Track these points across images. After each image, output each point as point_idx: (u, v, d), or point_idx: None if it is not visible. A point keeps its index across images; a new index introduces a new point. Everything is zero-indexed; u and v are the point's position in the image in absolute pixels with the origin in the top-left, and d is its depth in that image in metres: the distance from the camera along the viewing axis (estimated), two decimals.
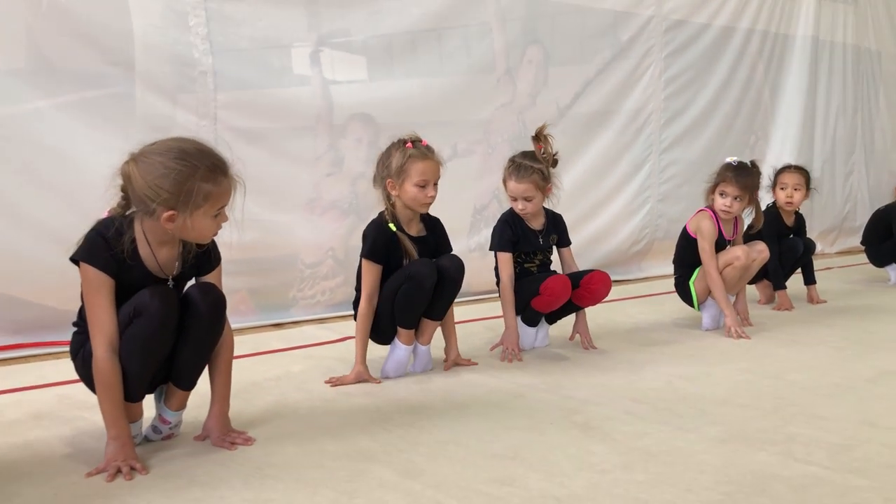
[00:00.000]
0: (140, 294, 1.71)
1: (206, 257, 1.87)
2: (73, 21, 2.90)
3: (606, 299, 3.97)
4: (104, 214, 1.77)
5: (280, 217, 3.46)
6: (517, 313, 2.81)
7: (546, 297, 2.74)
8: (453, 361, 2.60)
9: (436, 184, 2.43)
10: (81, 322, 1.79)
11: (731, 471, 1.76)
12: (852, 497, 1.62)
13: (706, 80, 5.03)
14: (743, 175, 3.18)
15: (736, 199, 3.19)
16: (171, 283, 1.81)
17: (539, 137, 2.81)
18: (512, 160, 2.82)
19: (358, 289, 2.53)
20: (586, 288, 2.79)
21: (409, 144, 2.41)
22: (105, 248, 1.70)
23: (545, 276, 2.79)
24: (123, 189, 1.73)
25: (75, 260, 1.73)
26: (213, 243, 1.88)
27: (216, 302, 1.80)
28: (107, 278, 1.70)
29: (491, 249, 2.86)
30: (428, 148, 2.44)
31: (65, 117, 2.92)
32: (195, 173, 1.66)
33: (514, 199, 2.79)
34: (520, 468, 1.77)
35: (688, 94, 4.94)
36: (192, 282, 1.88)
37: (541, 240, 2.87)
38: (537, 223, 2.86)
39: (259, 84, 3.39)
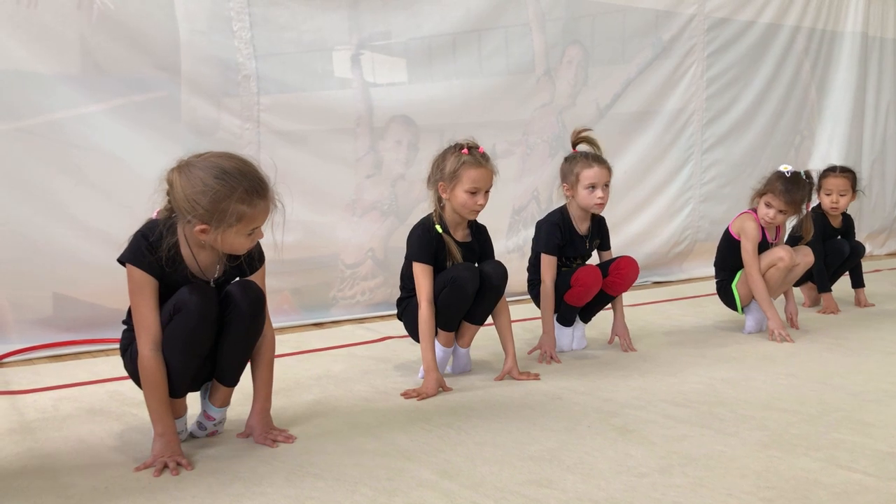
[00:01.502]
0: (180, 291, 1.76)
1: (249, 258, 1.91)
2: (123, 28, 2.99)
3: (648, 300, 3.96)
4: (153, 214, 1.82)
5: (321, 218, 3.51)
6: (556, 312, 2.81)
7: (578, 288, 2.75)
8: (507, 373, 2.50)
9: (487, 192, 2.42)
10: (130, 321, 1.85)
11: (773, 476, 1.74)
12: None
13: (750, 79, 4.95)
14: (792, 191, 3.08)
15: (781, 212, 3.14)
16: (212, 284, 1.86)
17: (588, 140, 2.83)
18: (575, 154, 2.81)
19: (403, 287, 2.55)
20: (615, 273, 2.79)
21: (465, 150, 2.40)
22: (149, 250, 1.76)
23: (573, 269, 2.79)
24: (168, 193, 1.79)
25: (122, 261, 1.79)
26: (258, 244, 1.92)
27: (256, 298, 1.84)
28: (150, 279, 1.76)
29: (537, 250, 2.84)
30: (483, 155, 2.42)
31: (115, 121, 3.02)
32: (232, 194, 1.69)
33: (593, 188, 2.75)
34: (557, 470, 1.77)
35: (731, 94, 4.87)
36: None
37: (587, 244, 2.86)
38: (584, 227, 2.86)
39: (301, 87, 3.45)
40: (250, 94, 3.30)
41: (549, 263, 2.79)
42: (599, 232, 2.92)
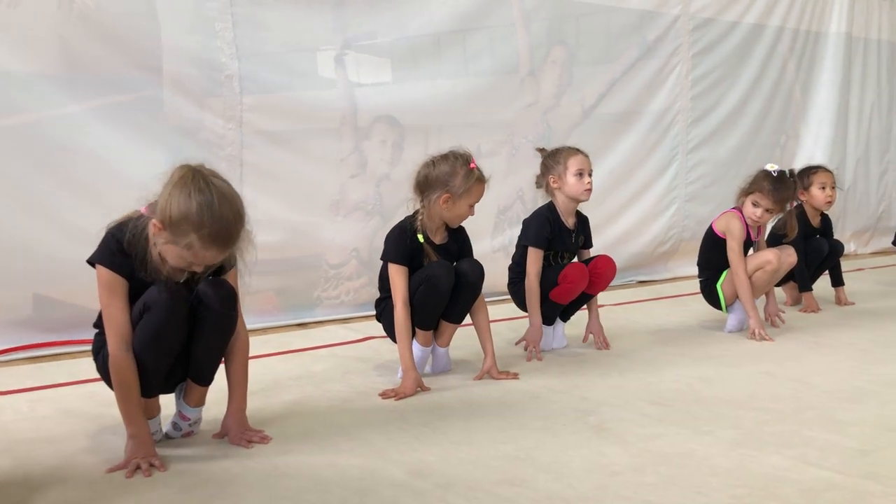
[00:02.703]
0: (150, 290, 1.77)
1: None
2: (103, 28, 2.98)
3: (632, 299, 3.98)
4: (142, 209, 1.80)
5: (305, 218, 3.51)
6: None
7: (567, 284, 2.76)
8: (486, 372, 2.50)
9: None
10: (101, 323, 1.85)
11: (743, 474, 1.75)
12: (864, 502, 1.60)
13: (735, 79, 4.97)
14: (780, 189, 3.12)
15: (768, 211, 3.16)
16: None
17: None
18: (556, 147, 2.91)
19: (381, 288, 2.56)
20: (593, 273, 2.81)
21: (473, 165, 2.42)
22: (119, 250, 1.76)
23: (559, 266, 2.81)
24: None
25: (91, 262, 1.79)
26: None
27: (227, 295, 1.84)
28: (120, 279, 1.76)
29: (524, 244, 2.85)
30: (481, 170, 2.47)
31: (96, 121, 3.01)
32: (197, 229, 1.67)
33: (581, 175, 2.80)
34: (530, 469, 1.78)
35: (716, 94, 4.89)
36: None
37: (573, 239, 2.88)
38: (571, 222, 2.88)
39: (285, 87, 3.45)
40: (233, 94, 3.29)
41: (535, 257, 2.80)
42: (583, 229, 2.94)
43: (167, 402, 1.98)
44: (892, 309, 3.76)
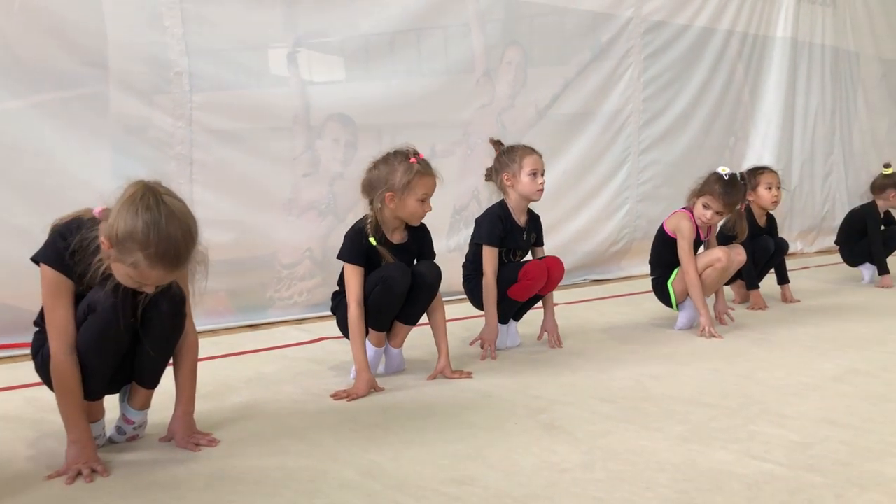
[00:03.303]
0: (94, 290, 1.72)
1: None
2: (46, 20, 2.89)
3: (585, 298, 4.02)
4: (96, 212, 1.74)
5: (257, 217, 3.46)
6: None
7: (526, 282, 2.78)
8: (440, 372, 2.49)
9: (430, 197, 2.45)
10: (42, 322, 1.80)
11: (690, 469, 1.78)
12: (804, 494, 1.64)
13: (686, 82, 5.06)
14: (731, 193, 3.18)
15: (718, 213, 3.23)
16: None
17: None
18: (512, 145, 2.93)
19: (340, 283, 2.53)
20: None
21: (413, 160, 2.39)
22: (66, 250, 1.70)
23: (520, 264, 2.83)
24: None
25: (35, 260, 1.74)
26: None
27: (175, 297, 1.80)
28: (66, 280, 1.71)
29: (477, 242, 2.85)
30: (427, 162, 2.43)
31: (38, 118, 2.92)
32: (144, 248, 1.61)
33: (534, 174, 2.81)
34: (481, 468, 1.78)
35: (667, 96, 4.97)
36: None
37: (525, 236, 2.89)
38: (522, 220, 2.89)
39: (235, 85, 3.39)
40: (182, 91, 3.23)
41: (491, 255, 2.81)
42: (535, 227, 2.96)
43: (112, 406, 1.92)
44: (836, 306, 3.87)
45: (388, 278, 2.38)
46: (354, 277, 2.39)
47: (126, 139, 3.13)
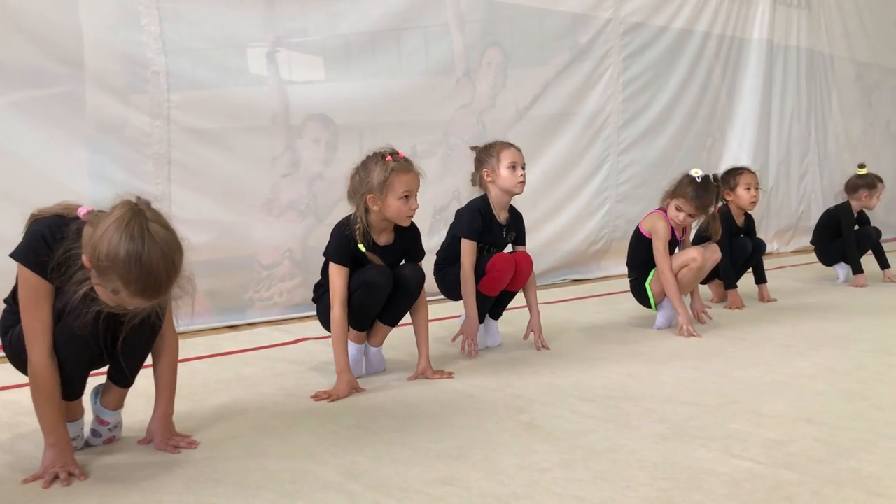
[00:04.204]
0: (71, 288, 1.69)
1: None
2: (19, 18, 2.85)
3: (565, 298, 4.04)
4: (81, 213, 1.70)
5: (236, 218, 3.44)
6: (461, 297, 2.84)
7: (494, 273, 2.77)
8: (421, 373, 2.49)
9: (416, 195, 2.42)
10: (14, 301, 1.76)
11: (670, 467, 1.79)
12: (782, 491, 1.66)
13: (664, 83, 5.11)
14: (703, 196, 3.20)
15: (690, 216, 3.26)
16: None
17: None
18: (488, 142, 2.91)
19: (323, 275, 2.52)
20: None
21: (388, 158, 2.38)
22: (47, 252, 1.67)
23: (487, 257, 2.82)
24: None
25: (15, 258, 1.71)
26: None
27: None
28: (46, 284, 1.68)
29: (456, 235, 2.84)
30: (407, 160, 2.41)
31: (12, 117, 2.88)
32: (124, 280, 1.57)
33: (514, 167, 2.80)
34: (462, 468, 1.78)
35: (646, 97, 5.01)
36: None
37: (504, 233, 2.90)
38: (502, 217, 2.89)
39: (214, 84, 3.37)
40: (160, 90, 3.20)
41: (469, 248, 2.80)
42: (516, 225, 2.96)
43: (88, 405, 1.90)
44: (811, 305, 3.92)
45: (370, 282, 2.38)
46: (339, 277, 2.38)
47: (102, 138, 3.10)
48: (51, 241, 1.67)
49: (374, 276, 2.38)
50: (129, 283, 1.57)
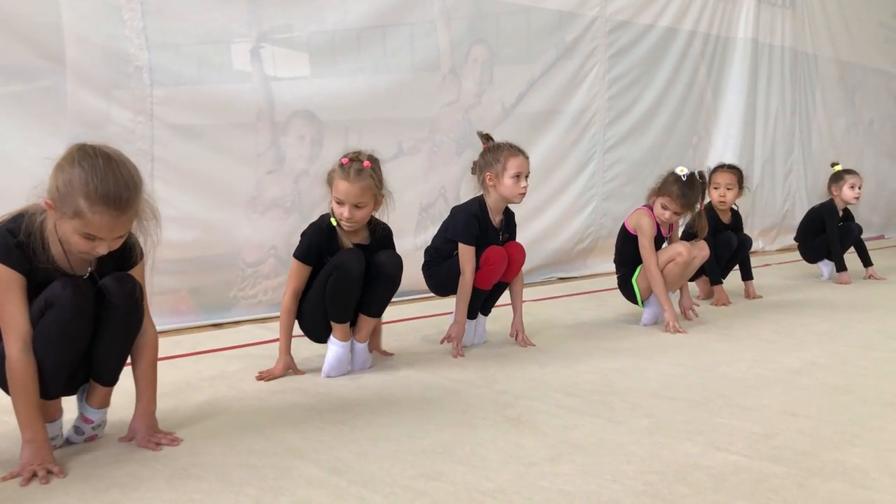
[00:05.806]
0: (52, 286, 1.67)
1: (124, 253, 1.80)
2: None
3: (552, 295, 4.04)
4: (43, 203, 1.69)
5: (220, 215, 3.41)
6: (450, 294, 2.84)
7: (488, 267, 2.77)
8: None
9: (357, 205, 2.37)
10: None
11: (656, 461, 1.79)
12: (768, 483, 1.66)
13: (650, 81, 5.11)
14: (688, 195, 3.20)
15: (676, 214, 3.26)
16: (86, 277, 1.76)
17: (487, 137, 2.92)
18: (499, 143, 2.87)
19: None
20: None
21: (345, 160, 2.38)
22: (16, 245, 1.65)
23: (479, 252, 2.80)
24: None
25: None
26: (135, 239, 1.83)
27: (131, 290, 1.76)
28: (18, 276, 1.66)
29: (451, 238, 2.82)
30: (355, 169, 2.34)
31: None
32: (83, 187, 1.58)
33: (518, 178, 2.76)
34: (448, 463, 1.77)
35: (632, 95, 5.01)
36: None
37: (500, 237, 2.89)
38: (497, 220, 2.88)
39: (198, 80, 3.33)
40: (143, 86, 3.16)
41: (469, 255, 2.77)
42: (509, 227, 2.95)
43: (70, 407, 1.87)
44: (796, 302, 3.94)
45: (342, 263, 2.39)
46: (299, 274, 2.48)
47: (83, 134, 3.01)
48: (15, 230, 1.67)
49: (343, 257, 2.39)
50: (87, 191, 1.58)
